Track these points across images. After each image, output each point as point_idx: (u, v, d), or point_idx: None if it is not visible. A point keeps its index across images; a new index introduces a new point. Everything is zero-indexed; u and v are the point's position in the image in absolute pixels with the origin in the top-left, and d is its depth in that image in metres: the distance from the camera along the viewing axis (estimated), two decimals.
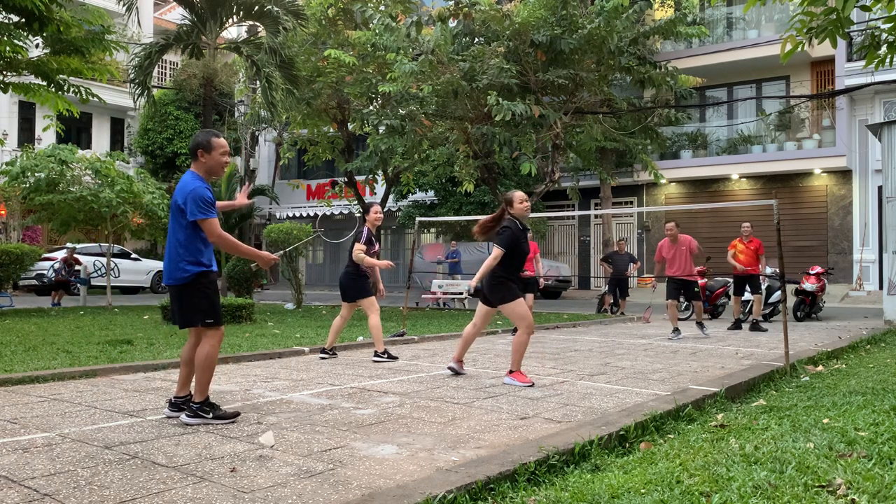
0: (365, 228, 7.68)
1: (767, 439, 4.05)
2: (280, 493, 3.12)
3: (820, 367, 7.29)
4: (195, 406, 4.49)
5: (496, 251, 6.27)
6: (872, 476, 3.26)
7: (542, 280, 11.84)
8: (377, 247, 7.76)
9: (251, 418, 4.66)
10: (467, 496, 3.09)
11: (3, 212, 23.23)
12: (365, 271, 7.63)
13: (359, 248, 7.52)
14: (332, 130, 19.00)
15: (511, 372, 6.16)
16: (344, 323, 7.70)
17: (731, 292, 12.68)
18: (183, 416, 4.51)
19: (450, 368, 6.65)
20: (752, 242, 11.96)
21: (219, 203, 6.30)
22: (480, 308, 6.54)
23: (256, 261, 4.89)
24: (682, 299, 14.47)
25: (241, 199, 5.59)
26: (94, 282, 21.04)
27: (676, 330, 10.68)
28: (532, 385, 5.99)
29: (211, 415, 4.50)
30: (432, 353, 8.47)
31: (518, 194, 6.42)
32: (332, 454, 3.78)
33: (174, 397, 4.73)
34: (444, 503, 2.98)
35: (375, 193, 20.13)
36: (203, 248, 4.56)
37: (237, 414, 4.61)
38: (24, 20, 12.11)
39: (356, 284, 7.58)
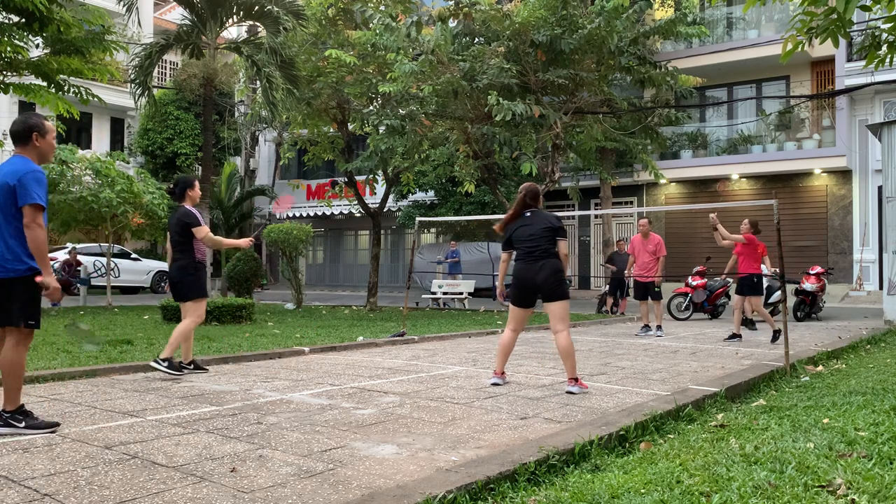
0: (193, 209, 6.48)
1: (767, 439, 4.05)
2: (280, 493, 3.12)
3: (820, 367, 7.29)
4: (6, 415, 4.18)
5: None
6: (872, 476, 3.26)
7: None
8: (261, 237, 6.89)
9: (251, 418, 4.66)
10: (467, 496, 3.09)
11: None
12: (202, 263, 6.51)
13: (205, 230, 6.38)
14: (332, 130, 18.99)
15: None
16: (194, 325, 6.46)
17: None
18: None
19: None
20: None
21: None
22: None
23: (44, 274, 4.19)
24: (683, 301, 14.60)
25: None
26: (94, 282, 21.04)
27: (646, 326, 10.97)
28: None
29: (24, 423, 4.18)
30: (432, 353, 8.48)
31: None
32: (332, 454, 3.78)
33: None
34: (444, 503, 2.98)
35: (375, 193, 20.10)
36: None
37: (56, 424, 4.30)
38: (24, 20, 12.10)
39: (192, 280, 6.40)
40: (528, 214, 5.91)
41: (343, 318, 13.77)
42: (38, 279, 4.18)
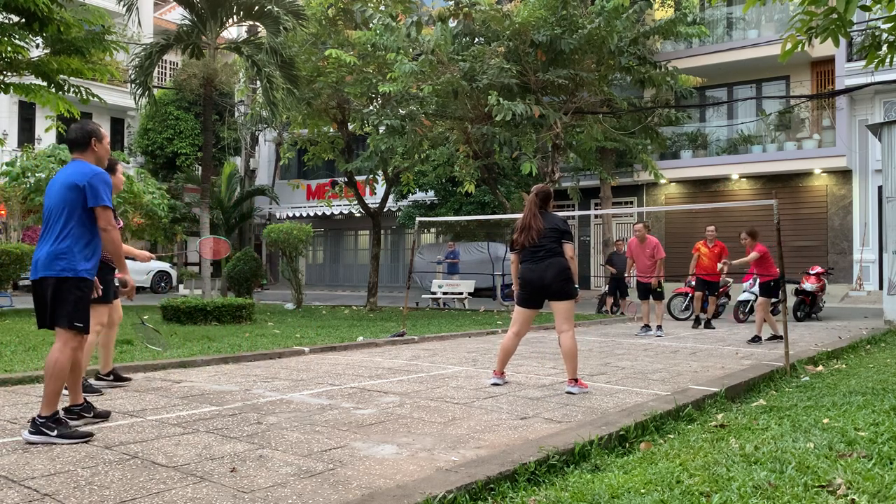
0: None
1: (767, 439, 4.05)
2: (280, 493, 3.12)
3: (820, 367, 7.29)
4: (40, 420, 3.99)
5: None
6: (872, 476, 3.26)
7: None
8: (121, 223, 5.68)
9: (251, 418, 4.66)
10: (467, 496, 3.09)
11: (3, 212, 23.24)
12: (110, 263, 5.31)
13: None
14: (332, 130, 19.00)
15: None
16: (113, 331, 5.74)
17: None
18: (25, 433, 4.01)
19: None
20: (715, 246, 12.31)
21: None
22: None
23: (122, 272, 4.42)
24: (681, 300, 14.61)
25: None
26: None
27: (646, 326, 11.09)
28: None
29: (56, 432, 3.98)
30: (432, 353, 8.48)
31: None
32: (332, 454, 3.78)
33: (72, 405, 4.45)
34: (444, 503, 2.98)
35: (375, 193, 20.10)
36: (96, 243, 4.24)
37: (90, 434, 4.10)
38: (24, 20, 12.10)
39: (101, 281, 5.23)
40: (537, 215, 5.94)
41: (343, 318, 13.77)
42: (118, 276, 4.40)
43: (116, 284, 4.25)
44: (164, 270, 25.92)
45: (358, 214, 27.58)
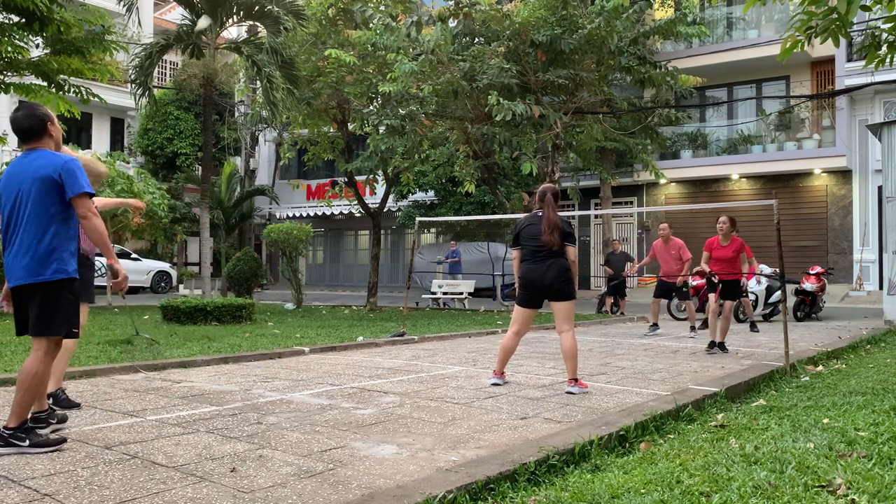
0: None
1: (767, 439, 4.05)
2: (280, 493, 3.13)
3: (820, 367, 7.29)
4: (7, 433, 3.74)
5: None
6: (872, 476, 3.26)
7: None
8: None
9: (251, 418, 4.66)
10: (467, 496, 3.09)
11: None
12: (90, 258, 5.13)
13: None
14: (332, 130, 19.01)
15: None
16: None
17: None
18: None
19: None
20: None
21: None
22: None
23: (109, 258, 4.01)
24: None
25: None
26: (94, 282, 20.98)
27: (654, 325, 11.01)
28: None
29: (27, 442, 3.75)
30: (432, 353, 8.48)
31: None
32: (332, 454, 3.78)
33: (38, 412, 4.07)
34: (444, 503, 2.98)
35: (375, 193, 20.10)
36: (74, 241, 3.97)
37: (63, 440, 3.88)
38: (24, 20, 12.10)
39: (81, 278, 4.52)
40: (540, 214, 5.92)
41: (343, 318, 13.77)
42: (107, 263, 3.97)
43: (104, 274, 3.89)
44: (164, 270, 25.92)
45: (358, 214, 27.58)
